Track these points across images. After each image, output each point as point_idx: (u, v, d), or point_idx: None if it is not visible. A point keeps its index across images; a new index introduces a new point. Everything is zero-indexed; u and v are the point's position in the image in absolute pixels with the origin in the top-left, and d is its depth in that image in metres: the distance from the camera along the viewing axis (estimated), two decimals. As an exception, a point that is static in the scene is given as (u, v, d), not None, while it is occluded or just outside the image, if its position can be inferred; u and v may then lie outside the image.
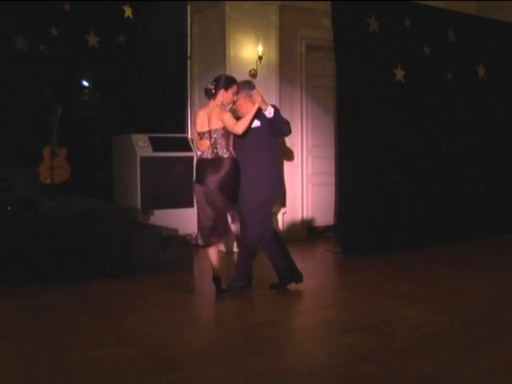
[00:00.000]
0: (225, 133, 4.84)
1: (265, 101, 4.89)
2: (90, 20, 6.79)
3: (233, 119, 4.85)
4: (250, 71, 6.93)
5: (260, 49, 6.96)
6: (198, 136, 4.99)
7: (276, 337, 3.89)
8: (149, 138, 6.78)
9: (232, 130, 4.81)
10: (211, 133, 4.87)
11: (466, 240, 7.42)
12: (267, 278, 5.13)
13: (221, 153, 4.83)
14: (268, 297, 4.91)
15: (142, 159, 6.61)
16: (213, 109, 4.92)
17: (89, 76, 6.44)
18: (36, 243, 5.17)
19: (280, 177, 5.30)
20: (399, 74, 7.04)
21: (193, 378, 3.20)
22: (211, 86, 4.97)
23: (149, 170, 6.64)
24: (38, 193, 5.61)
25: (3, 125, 6.38)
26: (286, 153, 7.43)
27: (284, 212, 7.42)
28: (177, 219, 6.72)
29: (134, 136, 6.74)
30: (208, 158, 4.87)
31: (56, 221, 5.32)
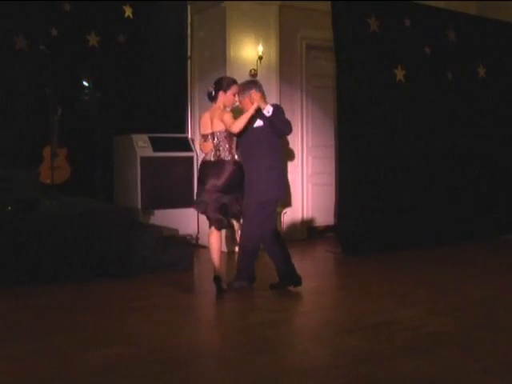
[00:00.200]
0: (227, 135, 4.88)
1: (265, 100, 4.89)
2: (90, 20, 6.81)
3: (231, 119, 4.87)
4: (251, 71, 6.92)
5: (260, 49, 6.96)
6: (202, 138, 5.04)
7: (276, 337, 3.89)
8: (149, 138, 6.80)
9: (229, 130, 4.85)
10: (214, 135, 4.92)
11: (466, 240, 7.42)
12: (268, 278, 5.13)
13: (223, 155, 4.87)
14: (268, 297, 4.91)
15: (142, 159, 6.63)
16: (215, 111, 4.97)
17: (89, 76, 6.44)
18: (36, 243, 5.17)
19: (282, 177, 5.19)
20: (399, 74, 7.04)
21: (193, 378, 3.20)
22: (211, 89, 5.03)
23: (149, 170, 6.66)
24: (38, 193, 5.62)
25: (3, 125, 6.40)
26: (287, 153, 7.42)
27: (284, 212, 7.41)
28: (177, 219, 6.73)
29: (134, 136, 6.76)
30: (211, 161, 4.92)
31: (56, 221, 5.31)
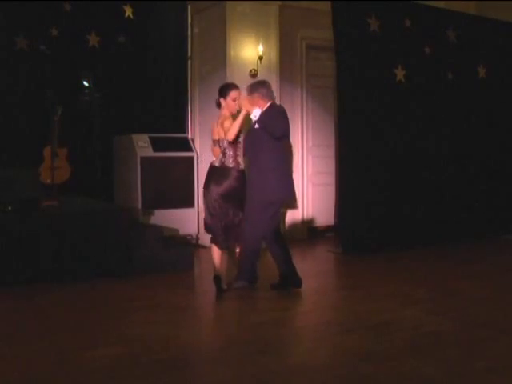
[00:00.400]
0: (232, 142, 4.90)
1: (251, 104, 4.85)
2: (91, 20, 6.81)
3: (229, 126, 4.90)
4: (251, 71, 6.92)
5: (260, 49, 6.96)
6: (213, 143, 5.10)
7: (276, 337, 3.89)
8: (149, 138, 6.80)
9: (226, 137, 4.89)
10: (220, 142, 4.98)
11: (467, 240, 7.42)
12: (268, 278, 5.13)
13: (227, 162, 4.92)
14: (269, 297, 4.91)
15: (143, 159, 6.63)
16: (220, 118, 5.02)
17: (89, 76, 6.43)
18: (36, 243, 5.17)
19: (286, 178, 5.06)
20: (399, 74, 7.03)
21: (193, 378, 3.20)
22: (216, 97, 5.09)
23: (149, 170, 6.66)
24: (38, 193, 5.62)
25: (3, 125, 6.40)
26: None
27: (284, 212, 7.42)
28: (177, 219, 6.73)
29: (135, 136, 6.76)
30: (216, 166, 4.98)
31: (56, 221, 5.32)
